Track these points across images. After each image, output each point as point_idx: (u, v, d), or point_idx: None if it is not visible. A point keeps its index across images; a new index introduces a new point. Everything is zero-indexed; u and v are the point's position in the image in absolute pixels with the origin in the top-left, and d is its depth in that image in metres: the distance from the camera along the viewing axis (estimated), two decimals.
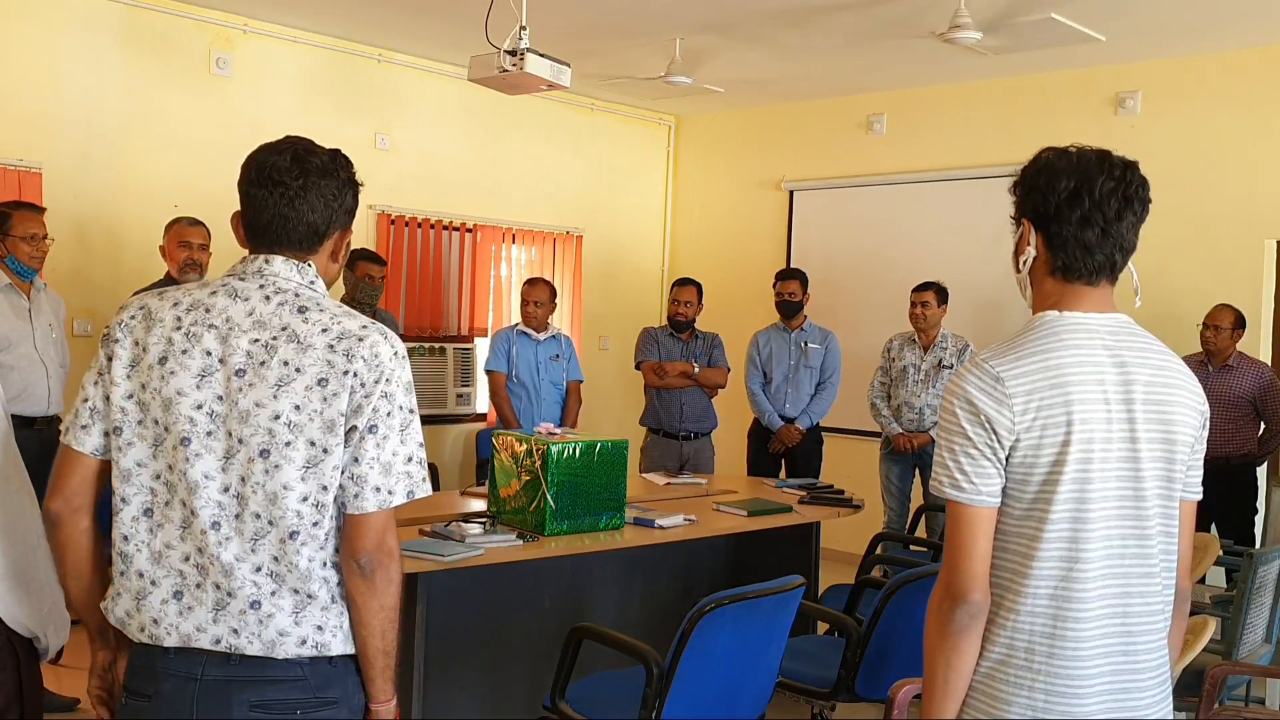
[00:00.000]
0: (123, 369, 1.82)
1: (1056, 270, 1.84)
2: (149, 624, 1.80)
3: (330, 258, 1.93)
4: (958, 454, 1.77)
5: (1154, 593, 1.79)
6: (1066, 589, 1.74)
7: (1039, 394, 1.74)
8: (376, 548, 1.78)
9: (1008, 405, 1.74)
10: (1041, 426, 1.73)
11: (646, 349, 6.25)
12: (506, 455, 3.90)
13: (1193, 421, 1.83)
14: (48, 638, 1.98)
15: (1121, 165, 1.84)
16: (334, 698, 1.81)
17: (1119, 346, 1.80)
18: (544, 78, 4.62)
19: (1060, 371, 1.75)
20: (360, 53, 6.73)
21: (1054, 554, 1.74)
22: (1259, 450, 5.67)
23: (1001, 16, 5.52)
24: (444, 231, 7.13)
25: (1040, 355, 1.77)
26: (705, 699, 2.94)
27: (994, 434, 1.74)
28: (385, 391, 1.79)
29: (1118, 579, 1.76)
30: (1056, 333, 1.79)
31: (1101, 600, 1.75)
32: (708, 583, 4.42)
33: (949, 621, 1.76)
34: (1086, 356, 1.77)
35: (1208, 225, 6.19)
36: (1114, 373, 1.77)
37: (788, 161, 8.01)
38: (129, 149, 5.83)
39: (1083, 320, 1.81)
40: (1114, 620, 1.76)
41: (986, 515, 1.76)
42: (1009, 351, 1.78)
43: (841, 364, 6.30)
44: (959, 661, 1.77)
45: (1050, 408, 1.73)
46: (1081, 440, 1.73)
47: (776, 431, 6.20)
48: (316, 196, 1.85)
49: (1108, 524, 1.75)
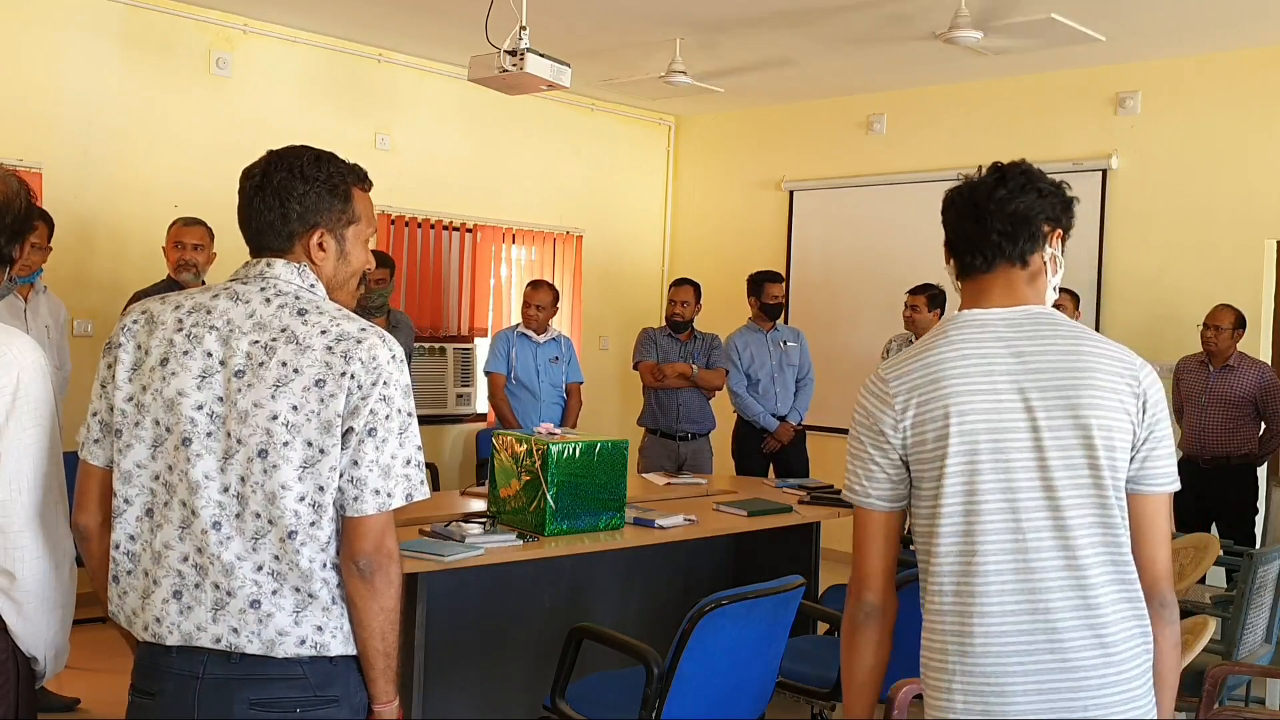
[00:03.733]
0: (125, 373, 1.84)
1: (961, 273, 1.88)
2: (152, 623, 1.81)
3: (309, 259, 1.89)
4: (853, 459, 1.83)
5: (1084, 590, 1.70)
6: (968, 585, 1.73)
7: (919, 390, 1.76)
8: (375, 550, 1.78)
9: (890, 405, 1.78)
10: (922, 424, 1.75)
11: (645, 349, 6.25)
12: (506, 455, 3.90)
13: (1113, 405, 1.73)
14: (47, 662, 1.97)
15: (1004, 165, 1.89)
16: (335, 696, 1.81)
17: (1018, 337, 1.78)
18: (544, 78, 4.62)
19: (939, 367, 1.76)
20: (360, 53, 6.73)
21: (950, 550, 1.74)
22: (1259, 450, 5.67)
23: (1001, 16, 5.52)
24: (444, 231, 7.13)
25: (923, 354, 1.80)
26: (705, 699, 2.94)
27: (881, 435, 1.79)
28: (383, 394, 1.79)
29: (1024, 575, 1.70)
30: (944, 330, 1.83)
31: (1006, 596, 1.70)
32: (708, 583, 4.42)
33: (845, 620, 1.84)
34: (973, 350, 1.77)
35: (1208, 225, 6.19)
36: (1008, 363, 1.75)
37: (788, 161, 8.01)
38: (129, 149, 5.83)
39: (978, 315, 1.82)
40: (1029, 618, 1.70)
41: (878, 519, 1.82)
42: (900, 356, 1.83)
43: (812, 360, 6.43)
44: (853, 659, 1.85)
45: (928, 403, 1.75)
46: (963, 433, 1.72)
47: (773, 431, 6.20)
48: (272, 195, 1.87)
49: (1004, 517, 1.71)
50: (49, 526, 1.89)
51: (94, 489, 1.88)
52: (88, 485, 1.88)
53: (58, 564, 1.91)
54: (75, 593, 1.99)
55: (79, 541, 1.91)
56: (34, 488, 1.86)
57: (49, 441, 1.89)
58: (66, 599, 1.95)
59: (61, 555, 1.91)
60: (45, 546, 1.88)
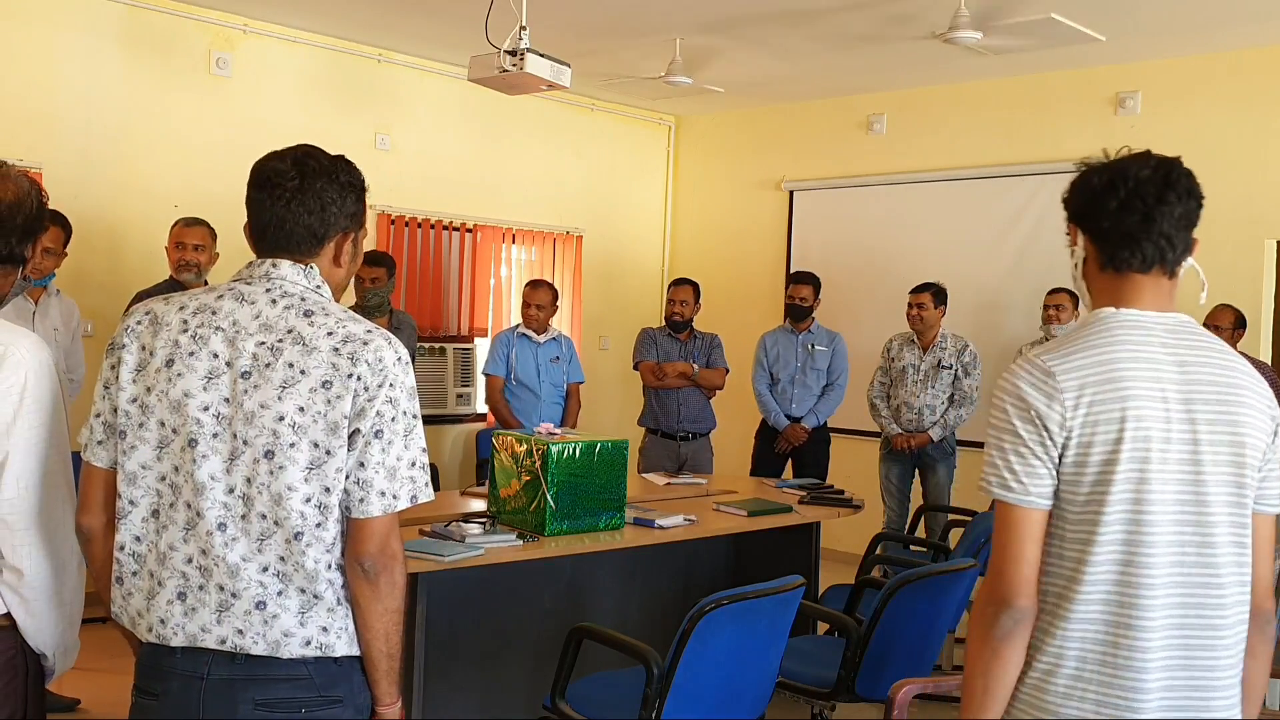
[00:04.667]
0: (128, 374, 1.84)
1: (1106, 265, 1.79)
2: (156, 624, 1.81)
3: (333, 262, 1.93)
4: (1007, 452, 1.69)
5: (1220, 609, 1.69)
6: (1123, 596, 1.65)
7: (1091, 389, 1.66)
8: (380, 551, 1.79)
9: (1059, 400, 1.66)
10: (1094, 424, 1.65)
11: (644, 349, 6.25)
12: (506, 455, 3.90)
13: (1262, 426, 1.74)
14: (55, 659, 1.97)
15: (1160, 157, 1.81)
16: (339, 696, 1.81)
17: (1179, 345, 1.72)
18: (544, 78, 4.62)
19: (1114, 367, 1.68)
20: (360, 53, 6.73)
21: (1109, 559, 1.65)
22: None
23: (1001, 16, 5.52)
24: (444, 231, 7.13)
25: (1093, 350, 1.70)
26: (705, 699, 2.94)
27: (1045, 430, 1.67)
28: (389, 396, 1.79)
29: (1179, 590, 1.66)
30: (1110, 328, 1.73)
31: (1164, 611, 1.65)
32: (708, 583, 4.42)
33: (993, 627, 1.67)
34: (1143, 353, 1.69)
35: (1208, 225, 6.09)
36: (1173, 372, 1.69)
37: (788, 161, 8.02)
38: (129, 149, 5.83)
39: (1139, 317, 1.74)
40: (1174, 633, 1.66)
41: (1036, 518, 1.68)
42: (1061, 347, 1.72)
43: (849, 366, 6.34)
44: (1000, 669, 1.69)
45: (1103, 404, 1.65)
46: (1137, 439, 1.64)
47: (783, 431, 6.21)
48: (313, 199, 1.86)
49: (1168, 530, 1.66)
50: (57, 524, 1.89)
51: (97, 490, 1.87)
52: (91, 486, 1.88)
53: (65, 561, 1.92)
54: (84, 590, 1.99)
55: (82, 542, 1.91)
56: (41, 485, 1.87)
57: (56, 440, 1.90)
58: (75, 596, 1.96)
59: (69, 553, 1.92)
60: (53, 544, 1.89)
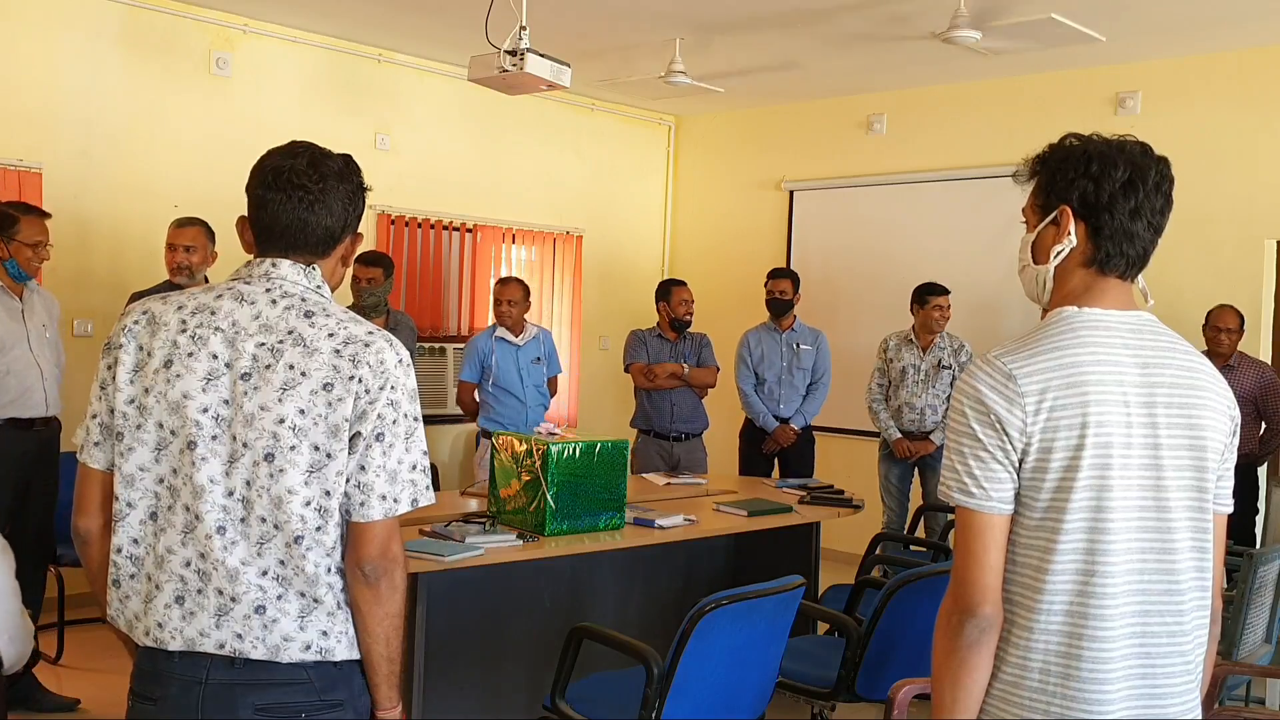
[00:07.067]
0: (126, 374, 1.82)
1: (1094, 262, 1.72)
2: (153, 628, 1.79)
3: (340, 262, 1.94)
4: (966, 457, 1.65)
5: (1179, 614, 1.66)
6: (1084, 606, 1.62)
7: (1053, 393, 1.62)
8: (381, 555, 1.78)
9: (1019, 405, 1.62)
10: (1055, 428, 1.61)
11: (635, 351, 6.21)
12: (506, 455, 3.90)
13: (1222, 427, 1.71)
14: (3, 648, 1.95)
15: (1161, 159, 1.75)
16: (339, 700, 1.80)
17: (1141, 345, 1.68)
18: (544, 78, 4.62)
19: (1077, 370, 1.63)
20: (360, 53, 6.73)
21: (1069, 567, 1.62)
22: (1259, 450, 5.67)
23: (1001, 16, 5.52)
24: (444, 231, 7.13)
25: (1055, 352, 1.65)
26: (705, 699, 2.94)
27: (1005, 435, 1.62)
28: (391, 399, 1.78)
29: (1138, 596, 1.64)
30: (1074, 329, 1.68)
31: (1124, 621, 1.63)
32: (708, 583, 4.42)
33: (957, 636, 1.64)
34: (1105, 355, 1.65)
35: (1208, 225, 6.19)
36: (1135, 373, 1.66)
37: (788, 161, 8.02)
38: (129, 149, 5.82)
39: (1102, 317, 1.69)
40: (1133, 641, 1.64)
41: (998, 523, 1.64)
42: (1022, 348, 1.67)
43: (832, 364, 6.32)
44: (968, 678, 1.65)
45: (1065, 408, 1.62)
46: (1098, 444, 1.61)
47: (771, 432, 6.19)
48: (335, 200, 1.86)
49: (1129, 537, 1.63)
50: None
51: (94, 492, 1.86)
52: (88, 488, 1.86)
53: None
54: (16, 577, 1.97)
55: (79, 545, 1.89)
56: None
57: None
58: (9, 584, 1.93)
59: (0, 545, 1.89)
60: None
